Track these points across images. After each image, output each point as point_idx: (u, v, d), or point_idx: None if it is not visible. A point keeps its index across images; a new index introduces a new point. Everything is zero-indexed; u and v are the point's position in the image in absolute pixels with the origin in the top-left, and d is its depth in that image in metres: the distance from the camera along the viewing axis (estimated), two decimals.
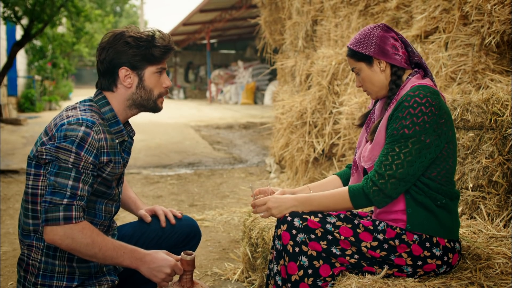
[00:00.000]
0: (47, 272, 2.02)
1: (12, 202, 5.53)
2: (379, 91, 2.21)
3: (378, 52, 2.14)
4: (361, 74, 2.21)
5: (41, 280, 2.01)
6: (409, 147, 2.00)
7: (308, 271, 2.05)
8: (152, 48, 2.10)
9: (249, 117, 15.60)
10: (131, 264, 2.00)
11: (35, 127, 12.56)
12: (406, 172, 2.01)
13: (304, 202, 2.13)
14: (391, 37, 2.17)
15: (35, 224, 2.03)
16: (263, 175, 6.90)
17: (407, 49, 2.19)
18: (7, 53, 14.60)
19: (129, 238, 2.35)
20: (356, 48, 2.18)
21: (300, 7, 6.42)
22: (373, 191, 2.03)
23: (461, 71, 3.67)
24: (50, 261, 2.02)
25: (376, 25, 2.18)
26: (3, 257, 3.80)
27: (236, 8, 18.29)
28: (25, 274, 2.05)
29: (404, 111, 2.01)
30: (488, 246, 2.40)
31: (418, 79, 2.13)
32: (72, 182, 1.91)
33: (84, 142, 1.93)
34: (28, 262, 2.04)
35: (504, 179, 2.84)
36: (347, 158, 4.92)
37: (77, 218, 1.90)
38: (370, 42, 2.15)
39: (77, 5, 12.27)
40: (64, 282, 2.03)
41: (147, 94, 2.14)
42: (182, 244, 2.43)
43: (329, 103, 5.31)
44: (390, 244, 2.06)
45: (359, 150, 2.30)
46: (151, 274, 2.01)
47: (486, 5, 3.35)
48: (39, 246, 2.02)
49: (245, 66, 24.16)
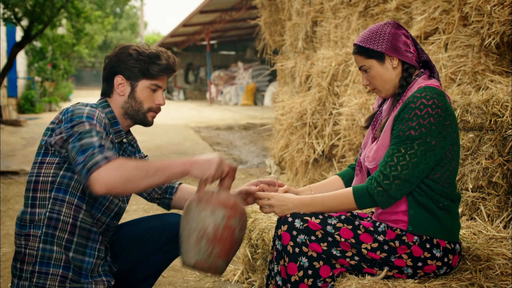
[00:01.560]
0: (44, 259, 2.02)
1: (12, 204, 5.53)
2: (389, 89, 2.18)
3: (391, 49, 2.12)
4: (371, 72, 2.17)
5: (38, 268, 2.01)
6: (414, 148, 2.00)
7: (308, 272, 2.05)
8: (151, 65, 2.19)
9: (249, 118, 15.59)
10: (183, 168, 1.98)
11: (35, 128, 12.56)
12: (411, 173, 2.01)
13: (307, 203, 2.13)
14: (403, 34, 2.15)
15: (32, 213, 2.05)
16: (263, 176, 6.90)
17: (417, 47, 2.18)
18: (7, 54, 14.61)
19: (121, 238, 2.36)
20: (366, 45, 2.15)
21: (300, 8, 6.42)
22: (377, 191, 2.03)
23: (461, 72, 3.67)
24: (48, 247, 2.02)
25: (387, 22, 2.16)
26: (3, 258, 3.79)
27: (236, 9, 18.30)
28: (21, 266, 2.04)
29: (410, 112, 2.00)
30: (488, 247, 2.39)
31: (424, 80, 2.13)
32: (96, 137, 1.93)
33: (92, 115, 2.01)
34: (25, 252, 2.04)
35: (504, 180, 2.84)
36: (347, 159, 4.92)
37: (113, 156, 1.91)
38: (382, 38, 2.12)
39: (77, 7, 12.27)
40: (60, 270, 2.02)
41: (137, 105, 2.22)
42: (173, 241, 2.43)
43: (329, 104, 5.31)
44: (390, 245, 2.06)
45: (364, 150, 2.29)
46: (203, 168, 2.00)
47: (486, 6, 3.35)
48: (36, 234, 2.03)
49: (245, 67, 24.16)
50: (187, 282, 3.39)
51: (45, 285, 2.00)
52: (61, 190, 2.05)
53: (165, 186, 2.44)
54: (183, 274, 3.51)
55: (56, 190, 2.04)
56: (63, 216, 2.04)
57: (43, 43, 19.25)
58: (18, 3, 10.15)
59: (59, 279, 2.01)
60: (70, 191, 2.05)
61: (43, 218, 2.03)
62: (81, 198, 2.08)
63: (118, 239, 2.35)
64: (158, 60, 2.20)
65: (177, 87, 29.90)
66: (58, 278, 2.01)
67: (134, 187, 1.89)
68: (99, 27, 22.27)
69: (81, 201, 2.08)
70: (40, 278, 2.01)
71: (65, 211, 2.04)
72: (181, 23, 20.84)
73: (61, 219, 2.04)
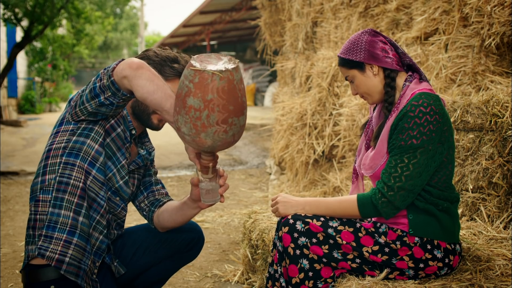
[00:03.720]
0: (51, 222, 2.01)
1: (12, 204, 5.53)
2: (375, 96, 2.20)
3: (369, 57, 2.14)
4: (355, 81, 2.20)
5: (45, 231, 2.00)
6: (417, 157, 2.00)
7: (309, 274, 2.05)
8: (166, 67, 2.16)
9: (249, 118, 15.56)
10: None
11: (35, 128, 12.56)
12: (415, 183, 2.01)
13: (311, 202, 2.13)
14: (380, 40, 2.16)
15: (43, 180, 2.04)
16: (263, 176, 6.90)
17: (397, 51, 2.19)
18: (7, 54, 14.61)
19: (132, 242, 2.35)
20: (346, 56, 2.18)
21: (300, 9, 6.42)
22: (382, 202, 2.02)
23: (461, 72, 3.67)
24: (56, 211, 2.01)
25: (364, 31, 2.18)
26: (3, 259, 3.79)
27: (236, 10, 18.29)
28: (33, 232, 2.03)
29: (410, 122, 2.00)
30: (488, 247, 2.39)
31: (416, 85, 2.12)
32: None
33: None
34: (36, 217, 2.03)
35: (504, 181, 2.84)
36: (347, 159, 4.92)
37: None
38: (359, 48, 2.15)
39: (77, 7, 12.28)
40: (64, 235, 2.00)
41: (143, 105, 2.20)
42: (185, 249, 2.42)
43: (329, 104, 5.32)
44: (391, 247, 2.06)
45: (358, 157, 2.30)
46: None
47: (486, 6, 3.35)
48: (46, 199, 2.02)
49: (245, 68, 24.15)
50: (187, 282, 3.39)
51: (48, 249, 1.98)
52: (72, 154, 2.04)
53: (153, 199, 2.40)
54: (183, 274, 3.51)
55: (67, 155, 2.04)
56: (73, 180, 2.03)
57: (43, 43, 19.28)
58: (18, 3, 10.16)
59: (62, 244, 1.99)
60: (81, 155, 2.04)
61: (53, 182, 2.02)
62: (92, 163, 2.06)
63: (129, 243, 2.34)
64: (175, 63, 2.18)
65: None
66: (61, 243, 1.99)
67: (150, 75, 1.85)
68: (99, 27, 22.29)
69: (91, 166, 2.06)
70: (45, 242, 1.99)
71: (76, 175, 2.03)
72: (181, 24, 20.83)
73: (71, 183, 2.02)
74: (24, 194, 6.00)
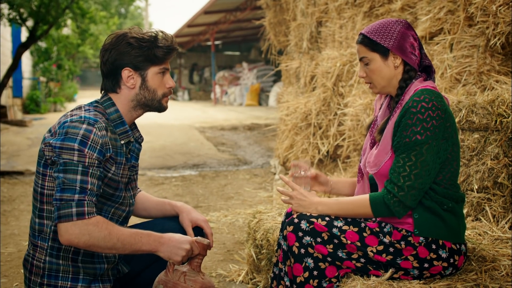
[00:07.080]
0: (52, 272, 2.02)
1: (17, 204, 5.54)
2: (385, 86, 2.16)
3: (397, 47, 2.09)
4: (371, 65, 2.14)
5: (46, 280, 2.02)
6: (424, 155, 1.98)
7: (313, 273, 2.05)
8: (155, 49, 2.10)
9: (254, 118, 15.59)
10: (150, 247, 2.00)
11: (40, 128, 12.59)
12: (424, 181, 2.00)
13: (324, 203, 2.12)
14: (411, 35, 2.12)
15: (41, 224, 2.04)
16: (267, 176, 6.90)
17: (421, 51, 2.16)
18: (12, 54, 14.66)
19: None
20: (373, 37, 2.11)
21: (304, 9, 6.42)
22: (394, 201, 2.01)
23: (466, 72, 3.67)
24: (54, 261, 2.02)
25: (398, 20, 2.13)
26: (9, 258, 3.81)
27: (240, 10, 18.31)
28: (30, 276, 2.05)
29: (413, 118, 1.98)
30: (493, 248, 2.39)
31: (420, 82, 2.11)
32: (81, 176, 1.91)
33: (87, 139, 1.94)
34: (33, 262, 2.04)
35: (510, 181, 2.84)
36: (351, 159, 4.92)
37: (89, 213, 1.89)
38: (391, 35, 2.09)
39: (82, 7, 12.31)
40: (69, 282, 2.03)
41: (150, 94, 2.15)
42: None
43: (333, 104, 5.31)
44: (396, 247, 2.05)
45: (364, 157, 2.29)
46: (171, 253, 2.01)
47: (491, 6, 3.34)
48: (43, 247, 2.03)
49: (250, 68, 24.16)
50: None
51: None
52: None
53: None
54: None
55: None
56: None
57: (48, 43, 19.31)
58: (23, 3, 10.19)
59: None
60: None
61: (49, 231, 2.03)
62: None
63: None
64: (159, 42, 2.11)
65: (182, 88, 29.92)
66: None
67: (96, 250, 1.95)
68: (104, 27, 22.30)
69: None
70: None
71: None
72: (186, 24, 20.87)
73: None
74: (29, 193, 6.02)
